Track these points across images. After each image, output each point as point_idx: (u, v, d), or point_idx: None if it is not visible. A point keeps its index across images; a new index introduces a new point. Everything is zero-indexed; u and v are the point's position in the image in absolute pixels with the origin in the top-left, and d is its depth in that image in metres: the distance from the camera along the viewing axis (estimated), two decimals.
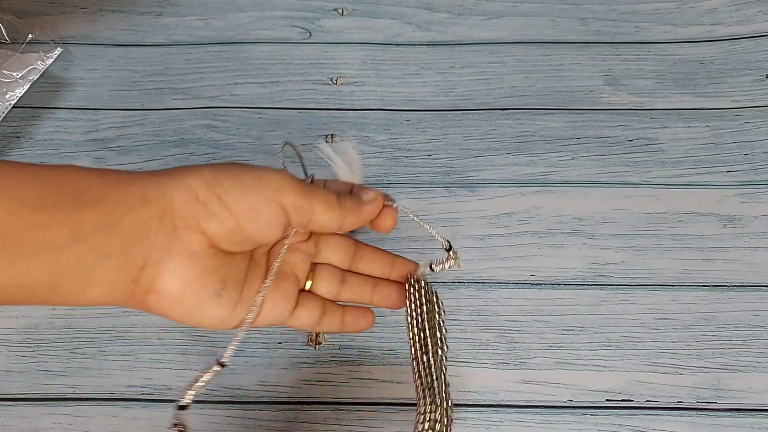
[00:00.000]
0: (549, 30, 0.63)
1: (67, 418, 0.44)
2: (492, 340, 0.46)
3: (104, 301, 0.31)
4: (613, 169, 0.54)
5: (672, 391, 0.44)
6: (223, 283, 0.32)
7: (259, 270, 0.35)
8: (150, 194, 0.30)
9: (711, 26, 0.64)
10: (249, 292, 0.34)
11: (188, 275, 0.31)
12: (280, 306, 0.35)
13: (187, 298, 0.31)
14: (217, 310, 0.33)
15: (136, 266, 0.30)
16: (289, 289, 0.36)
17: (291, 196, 0.33)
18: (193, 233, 0.31)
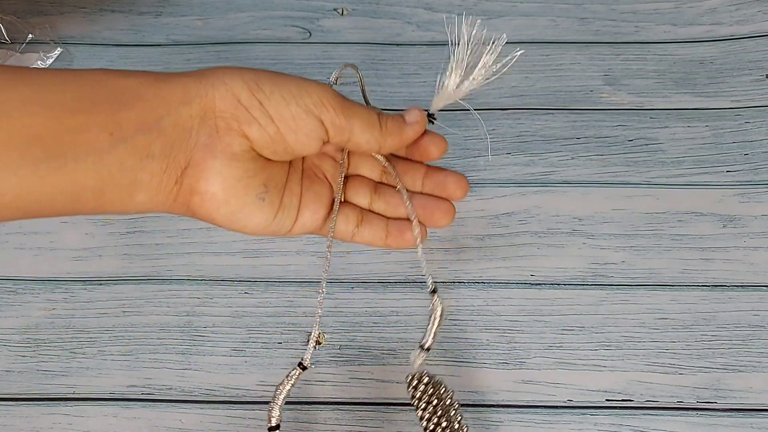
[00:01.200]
0: (549, 30, 0.63)
1: (67, 417, 0.44)
2: (492, 340, 0.46)
3: (150, 206, 0.30)
4: (612, 169, 0.54)
5: (672, 391, 0.44)
6: (265, 187, 0.32)
7: (296, 177, 0.35)
8: (191, 93, 0.30)
9: (711, 26, 0.63)
10: (289, 197, 0.34)
11: (231, 177, 0.31)
12: (315, 212, 0.35)
13: (231, 200, 0.31)
14: (261, 215, 0.32)
15: (179, 167, 0.30)
16: (323, 194, 0.36)
17: (331, 112, 0.32)
18: (234, 135, 0.30)
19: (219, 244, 0.51)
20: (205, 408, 0.44)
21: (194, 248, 0.51)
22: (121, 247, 0.51)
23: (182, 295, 0.48)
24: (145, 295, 0.48)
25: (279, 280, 0.49)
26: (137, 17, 0.64)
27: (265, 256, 0.50)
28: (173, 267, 0.50)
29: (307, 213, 0.35)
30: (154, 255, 0.50)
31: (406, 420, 0.43)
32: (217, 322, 0.47)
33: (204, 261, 0.50)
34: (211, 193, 0.31)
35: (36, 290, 0.49)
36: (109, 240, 0.51)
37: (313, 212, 0.35)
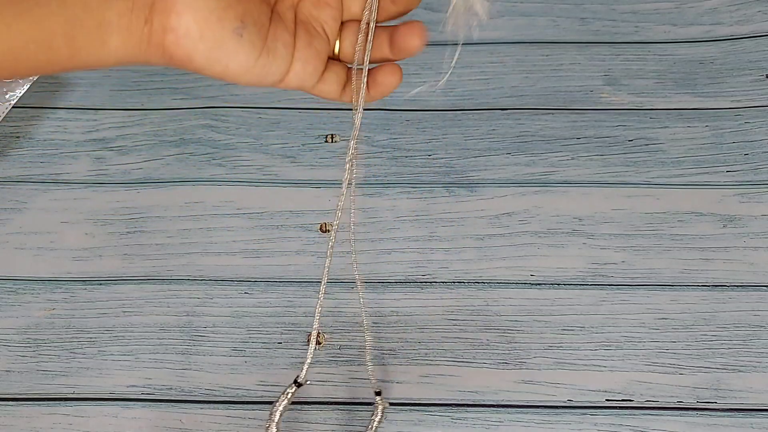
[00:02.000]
0: (549, 30, 0.63)
1: (67, 418, 0.44)
2: (492, 340, 0.46)
3: (126, 53, 0.29)
4: (613, 169, 0.54)
5: (672, 391, 0.44)
6: (242, 22, 0.30)
7: (284, 23, 0.32)
8: None
9: (711, 26, 0.63)
10: (274, 41, 0.31)
11: (203, 8, 0.29)
12: (312, 65, 0.33)
13: (207, 35, 0.29)
14: (242, 53, 0.30)
15: (145, 4, 0.29)
16: (321, 49, 0.33)
17: None
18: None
19: (219, 244, 0.51)
20: (205, 408, 0.44)
21: (194, 248, 0.51)
22: (121, 247, 0.51)
23: (182, 295, 0.48)
24: (145, 295, 0.48)
25: (279, 280, 0.49)
26: None
27: (265, 256, 0.50)
28: (173, 267, 0.50)
29: (299, 65, 0.32)
30: (154, 255, 0.50)
31: (407, 420, 0.43)
32: (217, 322, 0.47)
33: (204, 261, 0.50)
34: (184, 28, 0.29)
35: (36, 290, 0.49)
36: (109, 240, 0.51)
37: (304, 64, 0.33)
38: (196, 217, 0.52)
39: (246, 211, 0.52)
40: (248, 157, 0.55)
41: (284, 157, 0.55)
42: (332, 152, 0.55)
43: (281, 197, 0.53)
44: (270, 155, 0.55)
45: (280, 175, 0.54)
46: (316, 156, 0.55)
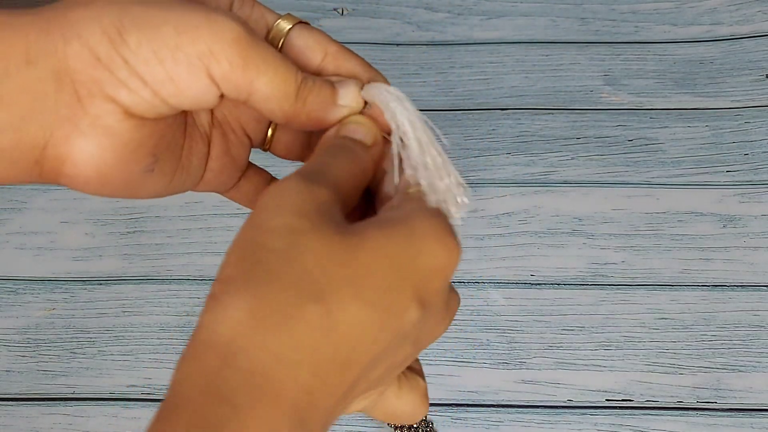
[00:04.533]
0: (549, 30, 0.63)
1: (67, 418, 0.44)
2: (492, 340, 0.46)
3: (10, 177, 0.24)
4: (612, 169, 0.54)
5: (672, 391, 0.44)
6: (154, 156, 0.25)
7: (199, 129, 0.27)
8: (34, 50, 0.23)
9: (711, 26, 0.63)
10: (189, 156, 0.27)
11: (107, 156, 0.24)
12: (226, 174, 0.29)
13: (110, 180, 0.25)
14: (152, 185, 0.26)
15: (36, 146, 0.23)
16: (238, 155, 0.29)
17: (224, 65, 0.23)
18: (102, 103, 0.23)
19: (219, 244, 0.51)
20: None
21: (194, 248, 0.51)
22: (121, 247, 0.51)
23: (182, 295, 0.48)
24: (145, 295, 0.48)
25: None
26: None
27: None
28: (173, 267, 0.50)
29: (211, 175, 0.28)
30: (154, 255, 0.50)
31: None
32: None
33: (204, 261, 0.50)
34: (83, 177, 0.24)
35: (36, 290, 0.49)
36: (109, 240, 0.51)
37: (218, 174, 0.28)
38: (195, 216, 0.52)
39: (246, 211, 0.52)
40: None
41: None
42: None
43: None
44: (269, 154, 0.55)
45: (280, 174, 0.54)
46: None
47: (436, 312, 0.24)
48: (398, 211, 0.24)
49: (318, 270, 0.21)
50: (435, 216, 0.23)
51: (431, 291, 0.23)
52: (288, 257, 0.21)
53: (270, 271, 0.21)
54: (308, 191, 0.22)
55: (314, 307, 0.20)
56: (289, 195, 0.22)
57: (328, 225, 0.21)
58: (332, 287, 0.20)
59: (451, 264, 0.23)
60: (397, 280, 0.22)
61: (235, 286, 0.21)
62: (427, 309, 0.22)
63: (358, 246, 0.21)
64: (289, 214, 0.22)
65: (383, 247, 0.22)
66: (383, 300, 0.21)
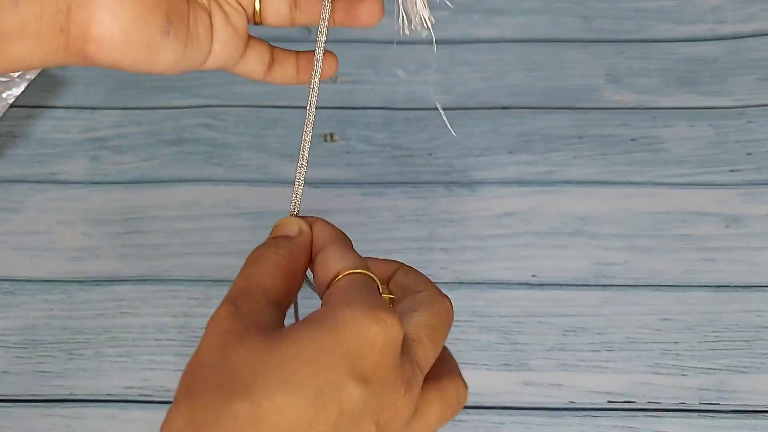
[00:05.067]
0: (551, 28, 0.63)
1: (65, 419, 0.43)
2: (493, 342, 0.46)
3: (36, 59, 0.26)
4: (615, 169, 0.54)
5: (675, 392, 0.44)
6: (168, 18, 0.28)
7: (200, 3, 0.30)
8: None
9: (714, 24, 0.63)
10: (196, 27, 0.29)
11: (128, 13, 0.26)
12: (232, 45, 0.31)
13: (134, 39, 0.27)
14: (171, 51, 0.28)
15: (59, 10, 0.25)
16: (238, 24, 0.31)
17: None
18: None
19: (217, 244, 0.50)
20: None
21: (192, 248, 0.50)
22: (119, 248, 0.50)
23: (180, 295, 0.48)
24: (143, 296, 0.48)
25: None
26: None
27: None
28: (171, 267, 0.49)
29: (218, 46, 0.31)
30: (152, 255, 0.50)
31: None
32: None
33: (202, 261, 0.50)
34: (108, 38, 0.26)
35: (33, 291, 0.48)
36: (106, 240, 0.50)
37: (224, 44, 0.31)
38: (193, 216, 0.52)
39: (244, 211, 0.52)
40: (246, 156, 0.55)
41: (283, 156, 0.55)
42: (331, 151, 0.55)
43: (280, 197, 0.53)
44: (268, 154, 0.55)
45: (279, 174, 0.54)
46: (315, 155, 0.55)
47: (387, 386, 0.24)
48: (325, 306, 0.26)
49: (245, 371, 0.22)
50: (362, 295, 0.25)
51: (370, 366, 0.23)
52: (218, 367, 0.23)
53: (204, 381, 0.23)
54: (233, 312, 0.25)
55: (241, 402, 0.22)
56: (218, 320, 0.25)
57: (254, 333, 0.24)
58: (258, 381, 0.22)
59: (388, 336, 0.23)
60: (327, 362, 0.22)
61: (176, 402, 0.24)
62: (371, 384, 0.23)
63: (284, 341, 0.23)
64: (220, 334, 0.24)
65: (308, 336, 0.23)
66: (312, 383, 0.22)
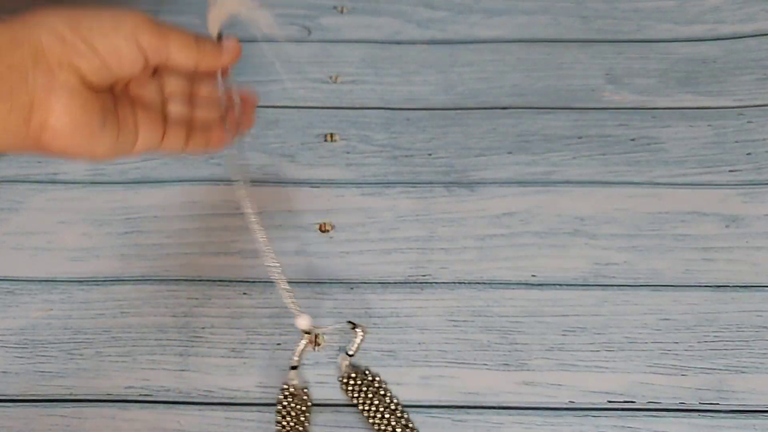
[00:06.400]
0: (550, 28, 0.63)
1: (65, 419, 0.43)
2: (493, 341, 0.46)
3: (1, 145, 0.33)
4: (615, 169, 0.54)
5: (674, 392, 0.44)
6: (103, 114, 0.35)
7: (124, 102, 0.37)
8: (19, 37, 0.33)
9: (713, 25, 0.63)
10: (125, 119, 0.37)
11: (75, 108, 0.34)
12: (154, 130, 0.38)
13: (79, 130, 0.34)
14: (107, 138, 0.35)
15: (25, 107, 0.33)
16: (155, 116, 0.38)
17: (147, 35, 0.35)
18: (68, 71, 0.33)
19: (217, 244, 0.50)
20: (204, 409, 0.44)
21: (192, 248, 0.50)
22: (119, 248, 0.50)
23: (180, 295, 0.48)
24: (143, 296, 0.48)
25: None
26: None
27: (264, 256, 0.50)
28: (171, 267, 0.49)
29: (143, 133, 0.38)
30: (152, 255, 0.50)
31: None
32: (215, 323, 0.47)
33: (202, 261, 0.50)
34: (61, 126, 0.34)
35: (33, 291, 0.48)
36: (106, 240, 0.50)
37: (148, 130, 0.38)
38: (193, 216, 0.52)
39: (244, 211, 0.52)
40: (247, 157, 0.55)
41: (283, 156, 0.55)
42: (331, 151, 0.55)
43: (280, 197, 0.53)
44: (268, 154, 0.55)
45: (279, 174, 0.54)
46: (315, 155, 0.55)
47: None
48: None
49: None
50: None
51: None
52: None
53: None
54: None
55: None
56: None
57: None
58: None
59: None
60: None
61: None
62: None
63: None
64: None
65: None
66: None
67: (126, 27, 0.35)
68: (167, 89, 0.41)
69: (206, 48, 0.38)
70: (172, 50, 0.37)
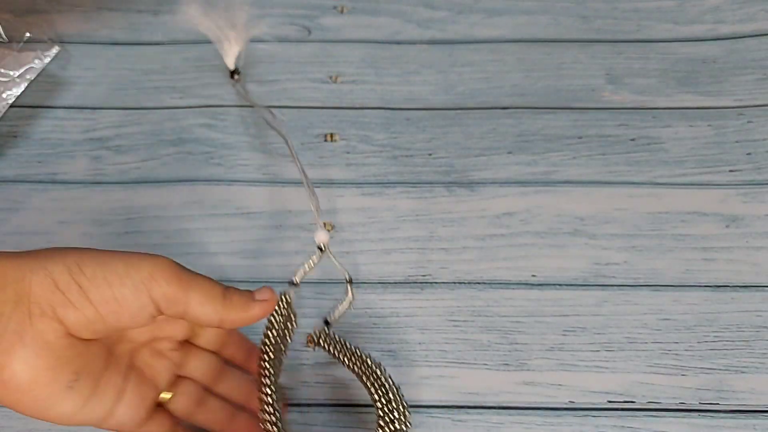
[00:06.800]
0: (550, 28, 0.63)
1: None
2: (493, 341, 0.46)
3: None
4: (615, 169, 0.54)
5: (674, 392, 0.44)
6: (77, 375, 0.30)
7: (119, 365, 0.33)
8: (7, 277, 0.29)
9: (713, 24, 0.63)
10: (106, 386, 0.32)
11: (40, 366, 0.29)
12: (134, 410, 0.33)
13: (37, 390, 0.29)
14: (69, 404, 0.30)
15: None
16: (147, 396, 0.34)
17: (163, 285, 0.31)
18: (49, 321, 0.29)
19: (217, 245, 0.50)
20: None
21: (192, 248, 0.50)
22: (119, 248, 0.50)
23: None
24: None
25: (278, 281, 0.49)
26: (135, 15, 0.64)
27: (265, 256, 0.50)
28: None
29: (123, 408, 0.33)
30: None
31: None
32: None
33: (202, 261, 0.50)
34: (15, 383, 0.29)
35: None
36: (107, 240, 0.50)
37: (128, 407, 0.33)
38: (194, 216, 0.52)
39: (244, 211, 0.52)
40: (247, 157, 0.55)
41: (283, 156, 0.55)
42: (331, 151, 0.55)
43: (280, 197, 0.53)
44: (269, 154, 0.55)
45: (279, 174, 0.54)
46: (315, 155, 0.55)
47: None
48: None
49: None
50: None
51: None
52: None
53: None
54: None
55: None
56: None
57: None
58: None
59: None
60: None
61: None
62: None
63: None
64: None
65: None
66: None
67: (140, 273, 0.31)
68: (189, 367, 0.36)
69: (234, 300, 0.34)
70: (192, 301, 0.32)
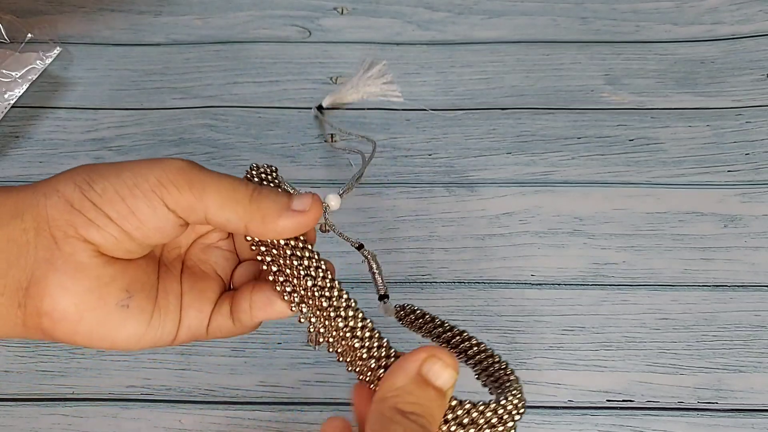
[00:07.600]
0: (549, 29, 0.63)
1: (66, 418, 0.44)
2: (492, 341, 0.46)
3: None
4: (613, 169, 0.54)
5: (673, 391, 0.44)
6: (127, 292, 0.28)
7: (172, 274, 0.31)
8: (22, 205, 0.27)
9: (712, 25, 0.63)
10: (166, 298, 0.30)
11: (79, 290, 0.27)
12: (204, 312, 0.31)
13: (86, 315, 0.27)
14: (131, 325, 0.28)
15: (19, 288, 0.27)
16: (208, 289, 0.32)
17: (174, 192, 0.27)
18: (75, 242, 0.27)
19: None
20: (205, 409, 0.44)
21: None
22: None
23: None
24: None
25: None
26: (136, 16, 0.64)
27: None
28: None
29: (192, 313, 0.31)
30: None
31: None
32: None
33: None
34: (60, 312, 0.27)
35: None
36: None
37: (197, 311, 0.31)
38: None
39: None
40: (247, 157, 0.55)
41: (284, 157, 0.55)
42: (332, 152, 0.55)
43: None
44: (269, 155, 0.55)
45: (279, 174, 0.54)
46: (316, 156, 0.55)
47: None
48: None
49: None
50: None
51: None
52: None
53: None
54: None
55: None
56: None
57: None
58: None
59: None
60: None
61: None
62: None
63: None
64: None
65: None
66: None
67: (149, 180, 0.27)
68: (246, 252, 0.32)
69: (263, 204, 0.28)
70: (211, 207, 0.28)
